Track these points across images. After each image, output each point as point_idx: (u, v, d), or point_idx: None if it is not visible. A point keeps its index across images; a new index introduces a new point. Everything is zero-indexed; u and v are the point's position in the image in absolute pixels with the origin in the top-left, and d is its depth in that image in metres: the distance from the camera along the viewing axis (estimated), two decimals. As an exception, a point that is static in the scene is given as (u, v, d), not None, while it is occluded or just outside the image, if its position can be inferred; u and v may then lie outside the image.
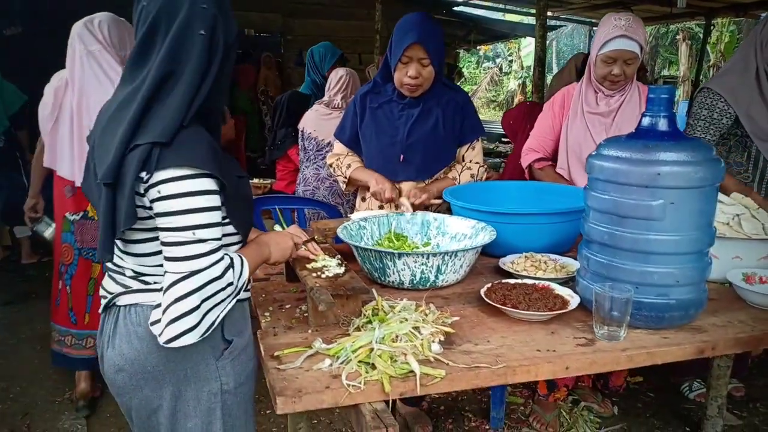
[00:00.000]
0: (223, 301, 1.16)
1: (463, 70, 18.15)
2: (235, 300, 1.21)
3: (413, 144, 2.23)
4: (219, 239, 1.15)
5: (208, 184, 1.11)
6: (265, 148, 4.32)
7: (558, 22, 10.38)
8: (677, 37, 15.94)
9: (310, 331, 1.36)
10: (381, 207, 2.24)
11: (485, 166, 2.37)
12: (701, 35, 9.75)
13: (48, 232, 2.74)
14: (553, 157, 2.48)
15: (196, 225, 1.09)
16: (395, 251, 1.57)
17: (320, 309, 1.31)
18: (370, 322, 1.34)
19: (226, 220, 1.20)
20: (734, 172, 2.46)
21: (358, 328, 1.33)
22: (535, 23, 8.85)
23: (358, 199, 2.42)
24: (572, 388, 2.56)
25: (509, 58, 22.12)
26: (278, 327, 1.39)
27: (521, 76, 20.11)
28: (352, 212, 2.49)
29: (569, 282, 1.61)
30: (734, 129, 2.37)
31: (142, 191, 1.11)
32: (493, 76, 22.00)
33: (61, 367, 2.83)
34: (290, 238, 1.45)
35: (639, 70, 2.31)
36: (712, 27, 9.57)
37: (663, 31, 16.60)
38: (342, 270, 1.49)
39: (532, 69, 5.91)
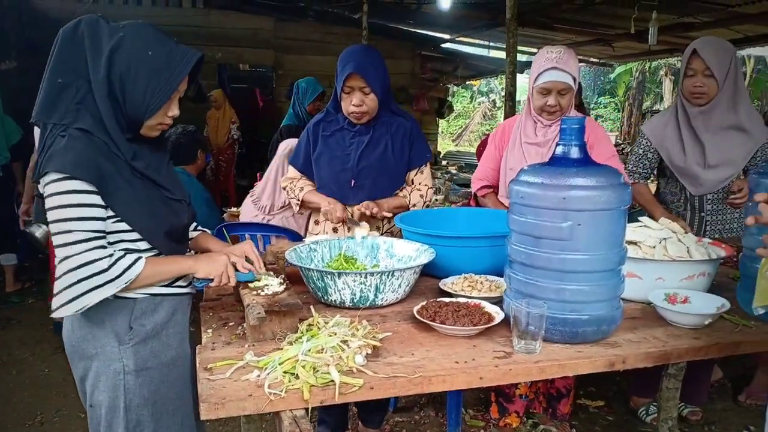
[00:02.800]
0: (101, 285, 1.37)
1: (455, 104, 18.48)
2: (115, 290, 1.39)
3: (364, 169, 2.33)
4: (97, 231, 1.38)
5: (77, 185, 1.35)
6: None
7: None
8: (660, 72, 16.35)
9: (246, 345, 1.44)
10: (335, 230, 2.33)
11: (434, 188, 2.48)
12: (683, 71, 9.99)
13: (39, 232, 3.13)
14: (498, 185, 2.60)
15: (66, 218, 1.35)
16: (335, 271, 1.66)
17: (252, 324, 1.40)
18: (304, 337, 1.43)
19: (116, 219, 1.42)
20: (669, 201, 2.59)
21: (291, 343, 1.41)
22: (525, 60, 9.14)
23: (312, 223, 2.52)
24: (523, 414, 2.62)
25: (502, 93, 22.52)
26: (218, 342, 1.48)
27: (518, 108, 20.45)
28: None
29: (501, 299, 1.69)
30: (665, 162, 2.51)
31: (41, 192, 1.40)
32: (485, 111, 22.34)
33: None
34: (226, 257, 1.56)
35: (579, 105, 2.46)
36: (691, 63, 9.82)
37: (652, 68, 17.00)
38: (282, 288, 1.58)
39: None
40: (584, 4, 6.06)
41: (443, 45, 9.75)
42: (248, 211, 3.33)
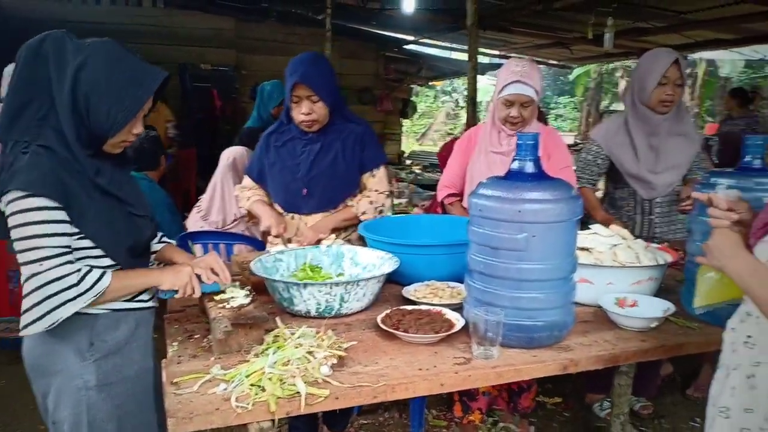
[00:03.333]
0: (72, 299, 1.38)
1: (418, 103, 18.61)
2: (85, 303, 1.40)
3: (315, 177, 2.34)
4: (64, 247, 1.39)
5: (43, 202, 1.35)
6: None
7: (503, 60, 10.86)
8: (616, 74, 16.88)
9: (212, 359, 1.46)
10: (289, 240, 2.33)
11: (387, 193, 2.44)
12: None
13: None
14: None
15: (32, 236, 1.35)
16: (300, 282, 1.70)
17: (219, 337, 1.42)
18: (270, 348, 1.46)
19: (80, 235, 1.43)
20: (620, 206, 2.71)
21: (257, 355, 1.44)
22: (487, 62, 9.30)
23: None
24: (486, 411, 2.70)
25: (465, 94, 22.79)
26: (184, 356, 1.49)
27: (478, 111, 20.73)
28: None
29: (462, 305, 1.76)
30: (614, 167, 2.61)
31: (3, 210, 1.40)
32: (449, 111, 22.57)
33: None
34: (191, 268, 1.58)
35: (540, 116, 2.54)
36: (646, 66, 10.16)
37: (609, 69, 17.48)
38: (248, 300, 1.61)
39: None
40: (543, 9, 6.21)
41: (407, 46, 9.82)
42: (194, 226, 3.15)
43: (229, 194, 3.00)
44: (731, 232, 1.23)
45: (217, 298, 1.63)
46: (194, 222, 3.11)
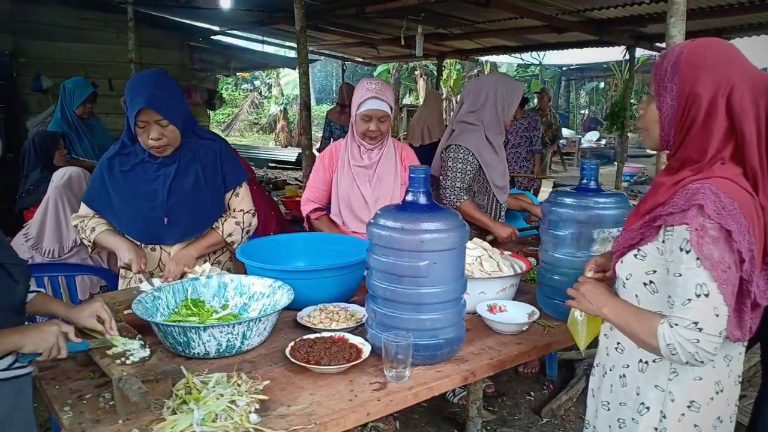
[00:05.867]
0: None
1: (223, 93, 17.96)
2: None
3: (176, 204, 2.17)
4: None
5: None
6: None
7: (315, 57, 11.03)
8: (416, 72, 18.36)
9: (121, 421, 1.35)
10: (151, 274, 2.18)
11: (253, 212, 2.36)
12: (434, 72, 11.32)
13: None
14: (328, 205, 2.74)
15: None
16: (201, 325, 1.62)
17: (134, 400, 1.32)
18: (184, 402, 1.39)
19: None
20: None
21: (173, 411, 1.36)
22: (296, 56, 9.30)
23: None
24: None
25: (268, 82, 22.54)
26: (84, 422, 1.35)
27: (282, 102, 20.68)
28: None
29: (359, 328, 1.84)
30: (478, 176, 2.92)
31: None
32: (253, 100, 22.13)
33: None
34: (57, 327, 1.41)
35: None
36: (443, 67, 11.17)
37: (405, 67, 18.90)
38: (147, 352, 1.50)
39: (297, 102, 6.24)
40: (356, 12, 6.46)
41: (214, 37, 9.42)
42: (23, 257, 2.69)
43: (66, 218, 2.65)
44: (593, 280, 1.52)
45: (110, 353, 1.49)
46: (22, 252, 2.66)
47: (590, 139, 16.32)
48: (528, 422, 3.15)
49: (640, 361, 1.42)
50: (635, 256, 1.39)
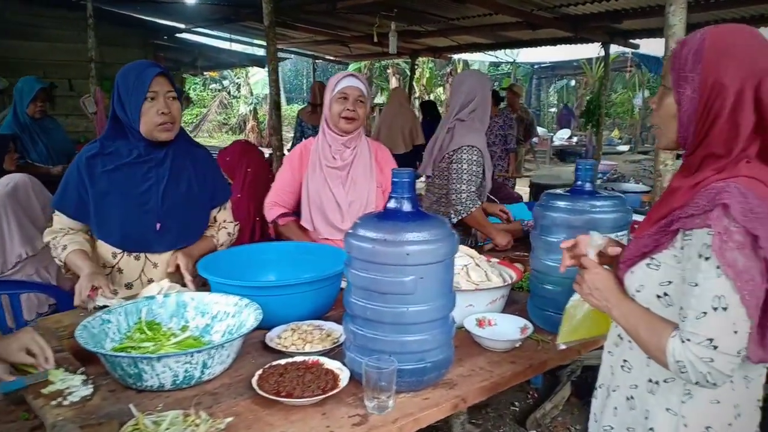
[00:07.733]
0: None
1: (190, 94, 17.57)
2: None
3: (171, 209, 2.03)
4: None
5: None
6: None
7: (284, 55, 10.79)
8: (388, 71, 18.17)
9: (56, 476, 1.14)
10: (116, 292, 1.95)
11: (236, 223, 2.32)
12: (407, 70, 11.17)
13: None
14: (296, 210, 2.55)
15: None
16: (153, 355, 1.41)
17: (70, 453, 1.11)
18: (134, 448, 1.19)
19: None
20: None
21: (120, 460, 1.16)
22: (265, 54, 9.04)
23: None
24: None
25: (237, 82, 22.13)
26: (11, 480, 1.14)
27: (252, 102, 20.31)
28: None
29: (336, 349, 1.65)
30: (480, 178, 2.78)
31: None
32: (222, 100, 21.71)
33: None
34: None
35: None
36: (416, 66, 11.03)
37: (377, 65, 18.74)
38: (90, 390, 1.29)
39: (267, 102, 6.01)
40: (327, 9, 6.26)
41: (179, 35, 9.09)
42: None
43: (9, 231, 2.39)
44: (602, 271, 1.34)
45: (45, 391, 1.27)
46: None
47: (562, 137, 16.37)
48: (514, 435, 3.01)
49: (650, 380, 1.26)
50: (648, 265, 1.23)
